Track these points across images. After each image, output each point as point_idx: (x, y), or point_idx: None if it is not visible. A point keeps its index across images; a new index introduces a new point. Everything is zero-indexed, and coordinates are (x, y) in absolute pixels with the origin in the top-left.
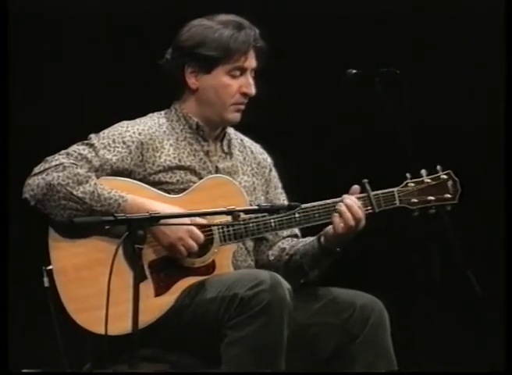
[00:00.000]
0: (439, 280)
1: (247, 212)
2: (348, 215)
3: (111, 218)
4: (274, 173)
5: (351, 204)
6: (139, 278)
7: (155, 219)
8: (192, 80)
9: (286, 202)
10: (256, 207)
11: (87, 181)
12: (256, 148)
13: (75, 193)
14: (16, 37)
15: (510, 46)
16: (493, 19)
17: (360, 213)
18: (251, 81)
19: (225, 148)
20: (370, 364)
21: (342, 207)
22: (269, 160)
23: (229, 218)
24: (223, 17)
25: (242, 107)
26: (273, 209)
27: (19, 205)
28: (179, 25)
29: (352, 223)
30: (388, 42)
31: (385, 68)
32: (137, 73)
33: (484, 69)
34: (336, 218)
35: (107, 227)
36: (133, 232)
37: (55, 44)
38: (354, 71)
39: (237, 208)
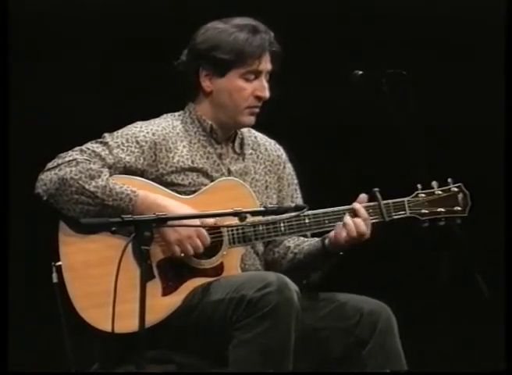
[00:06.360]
0: (446, 284)
1: (252, 213)
2: (352, 227)
3: (118, 219)
4: (288, 170)
5: (358, 216)
6: (146, 278)
7: (162, 221)
8: (206, 83)
9: (299, 199)
10: (262, 208)
11: (100, 176)
12: (271, 144)
13: (87, 187)
14: (17, 36)
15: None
16: (494, 19)
17: (364, 228)
18: (266, 84)
19: (237, 149)
20: (380, 369)
21: (347, 219)
22: (284, 156)
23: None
24: (239, 21)
25: (256, 110)
26: (280, 211)
27: (21, 202)
28: (188, 25)
29: (354, 234)
30: (394, 43)
31: (391, 69)
32: (142, 73)
33: (488, 69)
34: (340, 228)
35: (113, 229)
36: (140, 233)
37: (56, 43)
38: (361, 72)
39: (243, 210)
